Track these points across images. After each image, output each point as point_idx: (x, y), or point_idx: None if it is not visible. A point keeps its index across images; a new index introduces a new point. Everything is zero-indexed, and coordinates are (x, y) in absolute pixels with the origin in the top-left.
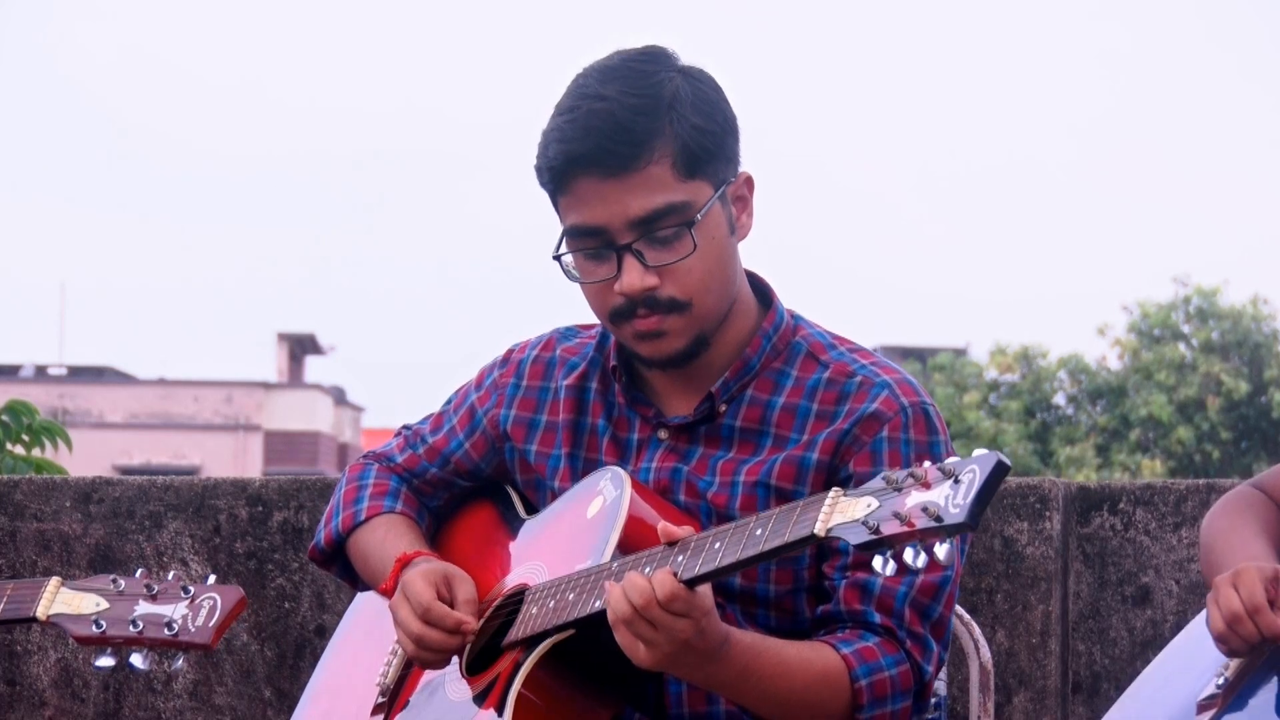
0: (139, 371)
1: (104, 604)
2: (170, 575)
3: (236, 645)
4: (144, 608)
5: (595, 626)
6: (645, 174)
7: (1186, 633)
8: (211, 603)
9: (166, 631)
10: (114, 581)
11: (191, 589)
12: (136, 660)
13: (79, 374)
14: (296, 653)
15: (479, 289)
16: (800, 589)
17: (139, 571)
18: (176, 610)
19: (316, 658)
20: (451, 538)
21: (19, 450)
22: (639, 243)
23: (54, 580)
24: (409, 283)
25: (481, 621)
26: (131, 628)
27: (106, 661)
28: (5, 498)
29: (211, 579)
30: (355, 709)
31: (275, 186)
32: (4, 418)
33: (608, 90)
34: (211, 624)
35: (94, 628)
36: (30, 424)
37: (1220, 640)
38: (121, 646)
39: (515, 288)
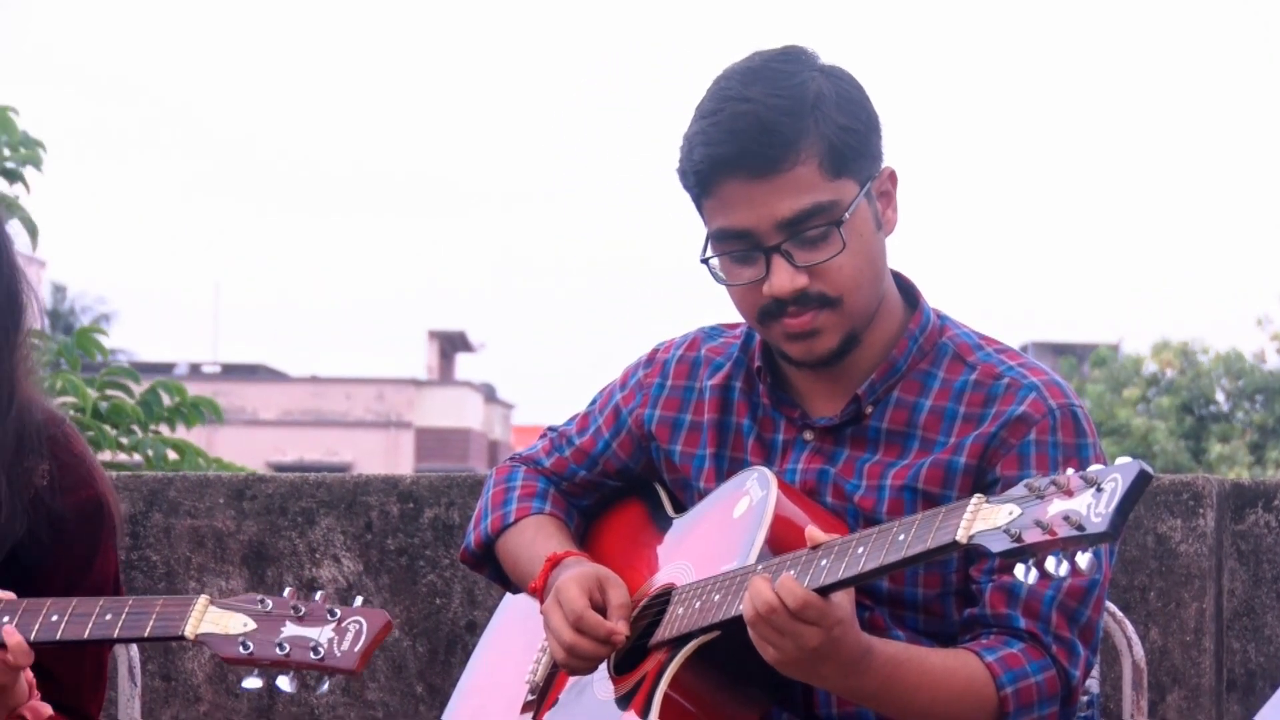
0: (291, 369)
1: (251, 624)
2: (318, 595)
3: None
4: (290, 629)
5: (740, 628)
6: (792, 175)
7: None
8: (357, 627)
9: (312, 655)
10: (261, 602)
11: (338, 611)
12: (283, 682)
13: (232, 372)
14: (448, 648)
15: (628, 286)
16: (948, 593)
17: (286, 591)
18: (323, 633)
19: (467, 653)
20: (600, 536)
21: (164, 430)
22: (788, 243)
23: (203, 599)
24: (559, 280)
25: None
26: (278, 650)
27: (254, 683)
28: (159, 494)
29: (359, 601)
30: (505, 706)
31: (425, 185)
32: (148, 398)
33: (751, 92)
34: (357, 649)
35: (241, 649)
36: (179, 404)
37: None
38: (268, 668)
39: (663, 285)
